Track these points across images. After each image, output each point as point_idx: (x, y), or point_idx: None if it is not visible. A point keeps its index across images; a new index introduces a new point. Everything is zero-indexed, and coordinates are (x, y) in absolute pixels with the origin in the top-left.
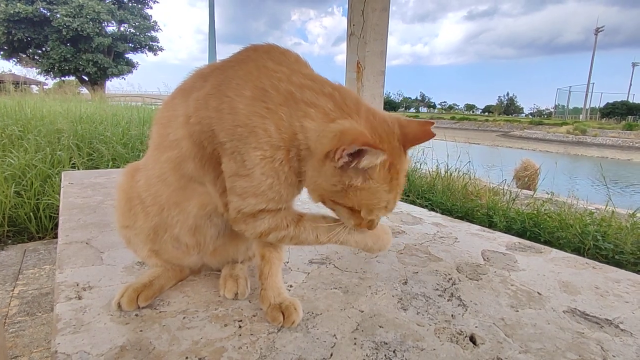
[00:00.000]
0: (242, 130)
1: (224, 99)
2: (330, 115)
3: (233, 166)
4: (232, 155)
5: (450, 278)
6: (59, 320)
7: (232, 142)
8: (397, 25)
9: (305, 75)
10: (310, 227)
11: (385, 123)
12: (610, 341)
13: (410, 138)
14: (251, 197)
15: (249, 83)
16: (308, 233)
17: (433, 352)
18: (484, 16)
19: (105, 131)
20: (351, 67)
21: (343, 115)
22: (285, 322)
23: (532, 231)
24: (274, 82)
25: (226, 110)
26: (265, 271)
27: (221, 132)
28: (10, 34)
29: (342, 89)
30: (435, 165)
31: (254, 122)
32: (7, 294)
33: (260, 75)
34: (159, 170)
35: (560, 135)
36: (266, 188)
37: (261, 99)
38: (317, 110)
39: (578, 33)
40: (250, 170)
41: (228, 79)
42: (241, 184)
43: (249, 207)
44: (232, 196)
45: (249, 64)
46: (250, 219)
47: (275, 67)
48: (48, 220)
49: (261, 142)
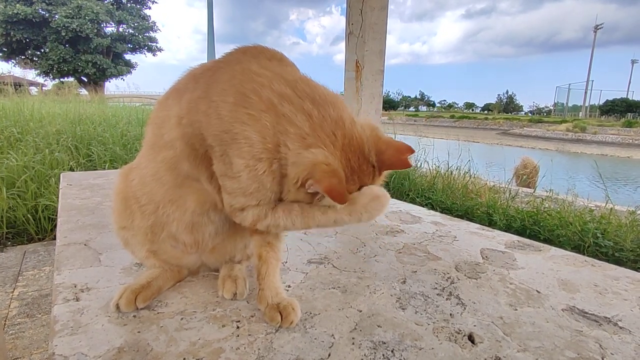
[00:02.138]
0: (226, 136)
1: (211, 103)
2: (306, 139)
3: (222, 167)
4: (220, 158)
5: (449, 277)
6: (57, 322)
7: (220, 147)
8: (395, 24)
9: (286, 82)
10: (282, 213)
11: (360, 151)
12: (609, 339)
13: (386, 164)
14: (240, 196)
15: (232, 88)
16: (284, 219)
17: (431, 351)
18: (482, 14)
19: (104, 132)
20: (350, 67)
21: (317, 141)
22: (283, 323)
23: (531, 229)
24: (256, 87)
25: (213, 115)
26: (262, 271)
27: (209, 137)
28: (9, 35)
29: (322, 104)
30: (435, 164)
31: (236, 128)
32: (6, 295)
33: (243, 80)
34: (154, 169)
35: (560, 133)
36: (253, 190)
37: (242, 104)
38: (295, 131)
39: (576, 31)
40: (237, 174)
41: (215, 82)
42: (230, 184)
43: (238, 204)
44: (224, 194)
45: (235, 67)
46: (239, 212)
47: (259, 71)
48: (47, 221)
49: (243, 152)
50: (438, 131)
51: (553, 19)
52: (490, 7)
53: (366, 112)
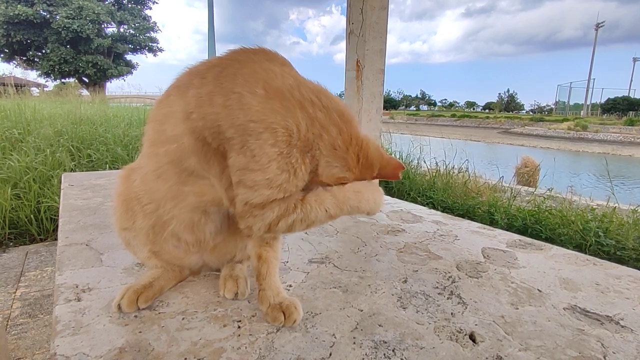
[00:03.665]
0: (255, 125)
1: (231, 95)
2: (337, 151)
3: (242, 160)
4: (241, 150)
5: (450, 276)
6: (58, 322)
7: (242, 137)
8: (395, 23)
9: (312, 91)
10: (315, 202)
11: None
12: (611, 338)
13: (382, 176)
14: (264, 188)
15: (259, 81)
16: (316, 210)
17: (433, 350)
18: (482, 13)
19: (105, 133)
20: (350, 66)
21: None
22: (286, 322)
23: (533, 228)
24: (287, 87)
25: (235, 107)
26: (262, 271)
27: (230, 128)
28: (10, 36)
29: (347, 121)
30: (434, 163)
31: (270, 118)
32: (9, 296)
33: (269, 76)
34: (155, 165)
35: (561, 131)
36: (282, 181)
37: (276, 97)
38: (329, 139)
39: (576, 29)
40: (265, 164)
41: (231, 76)
42: (253, 177)
43: (259, 198)
44: (241, 189)
45: (252, 65)
46: (258, 210)
47: (282, 74)
48: (49, 222)
49: (278, 140)
50: (439, 130)
51: (553, 17)
52: (490, 5)
53: (367, 111)
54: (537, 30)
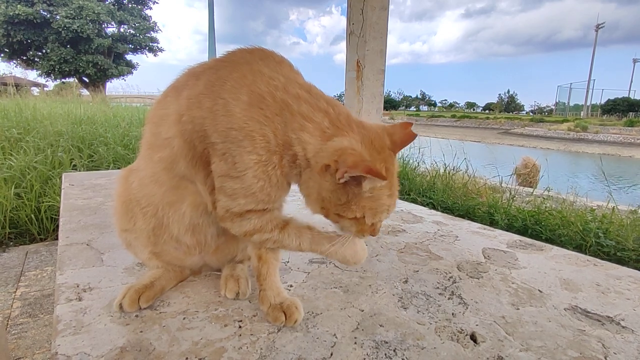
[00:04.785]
0: (236, 133)
1: (218, 100)
2: (326, 132)
3: (223, 167)
4: (223, 157)
5: (451, 276)
6: (59, 322)
7: (225, 144)
8: (395, 24)
9: (300, 86)
10: (294, 234)
11: (377, 135)
12: (612, 338)
13: (398, 143)
14: (241, 197)
15: (244, 87)
16: (291, 240)
17: (434, 350)
18: (482, 14)
19: (106, 132)
20: (351, 66)
21: (338, 132)
22: (287, 322)
23: (533, 229)
24: (271, 89)
25: (220, 112)
26: (263, 272)
27: (214, 133)
28: (10, 36)
29: (335, 104)
30: (434, 164)
31: (251, 126)
32: (9, 295)
33: (255, 81)
34: (152, 170)
35: (562, 132)
36: (257, 190)
37: (258, 105)
38: (314, 126)
39: (576, 30)
40: (242, 172)
41: (222, 80)
42: (231, 184)
43: (237, 207)
44: (221, 195)
45: (243, 67)
46: (237, 218)
47: (271, 74)
48: (49, 221)
49: (257, 147)
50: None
51: (553, 17)
52: (489, 6)
53: (367, 112)
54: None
